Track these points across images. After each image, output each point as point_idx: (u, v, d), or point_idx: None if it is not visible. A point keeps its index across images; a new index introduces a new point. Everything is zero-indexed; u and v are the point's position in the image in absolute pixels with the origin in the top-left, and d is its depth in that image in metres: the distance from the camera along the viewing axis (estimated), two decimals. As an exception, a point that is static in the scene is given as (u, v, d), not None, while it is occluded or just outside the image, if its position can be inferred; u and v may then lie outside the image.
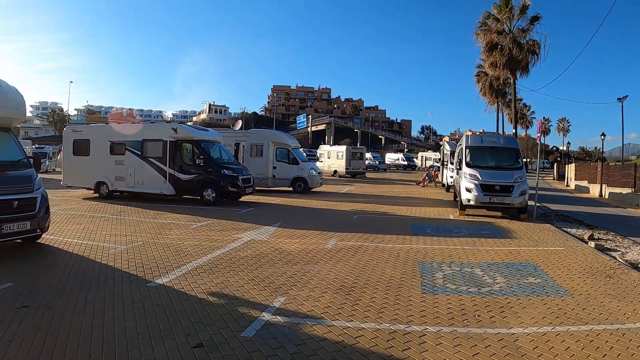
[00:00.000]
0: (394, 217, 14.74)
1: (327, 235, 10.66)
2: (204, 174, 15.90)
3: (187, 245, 9.06)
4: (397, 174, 52.98)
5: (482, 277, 7.17)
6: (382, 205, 17.58)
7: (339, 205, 17.26)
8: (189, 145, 16.32)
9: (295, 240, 9.93)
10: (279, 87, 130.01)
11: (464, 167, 15.50)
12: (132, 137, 16.95)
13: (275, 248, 9.06)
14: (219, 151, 17.15)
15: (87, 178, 17.97)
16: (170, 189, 16.19)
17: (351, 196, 21.64)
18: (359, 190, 25.89)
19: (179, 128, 16.38)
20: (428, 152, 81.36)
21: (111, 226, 11.23)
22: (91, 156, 17.93)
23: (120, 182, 17.17)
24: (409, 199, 21.29)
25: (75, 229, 10.79)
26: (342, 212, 15.60)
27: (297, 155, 22.21)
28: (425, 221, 13.72)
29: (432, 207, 17.62)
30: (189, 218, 12.87)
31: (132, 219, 12.44)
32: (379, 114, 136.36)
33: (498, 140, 17.11)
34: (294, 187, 21.90)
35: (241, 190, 16.08)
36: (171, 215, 13.38)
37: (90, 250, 8.42)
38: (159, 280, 6.51)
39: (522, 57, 33.66)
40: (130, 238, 9.70)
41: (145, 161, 16.58)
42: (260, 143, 21.67)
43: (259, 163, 21.04)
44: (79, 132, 18.67)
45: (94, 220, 12.20)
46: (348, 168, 38.00)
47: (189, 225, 11.53)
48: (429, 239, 10.58)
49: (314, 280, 6.86)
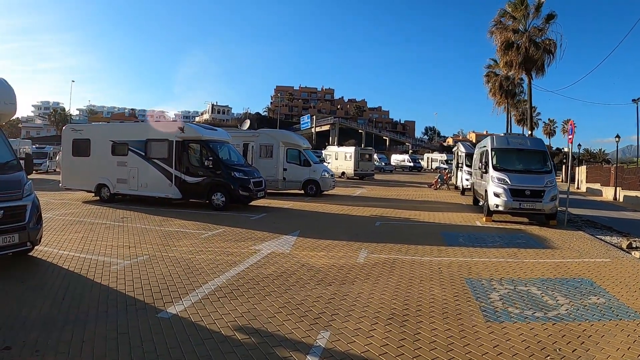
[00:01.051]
0: (419, 224, 13.70)
1: (354, 247, 9.55)
2: (212, 176, 14.72)
3: (200, 260, 7.90)
4: (405, 175, 51.74)
5: (542, 298, 6.29)
6: (401, 211, 16.50)
7: (356, 210, 16.13)
8: (197, 146, 15.16)
9: (321, 253, 8.79)
10: (282, 88, 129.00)
11: (491, 170, 14.52)
12: (136, 137, 15.79)
13: (301, 263, 7.91)
14: (228, 152, 16.00)
15: (87, 180, 16.83)
16: (176, 193, 15.03)
17: (365, 200, 20.49)
18: (371, 193, 24.77)
19: (186, 127, 15.22)
20: (434, 153, 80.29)
21: (112, 235, 10.07)
22: (91, 157, 16.80)
23: (122, 184, 16.02)
24: (426, 203, 20.27)
25: (72, 238, 9.63)
26: (361, 218, 14.47)
27: (309, 157, 21.03)
28: (453, 228, 12.80)
29: (454, 212, 16.63)
30: (198, 225, 11.71)
31: (135, 227, 11.29)
32: (383, 114, 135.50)
33: (525, 141, 16.08)
34: (306, 190, 20.71)
35: (253, 194, 14.92)
36: (178, 221, 12.22)
37: (88, 267, 7.26)
38: (171, 309, 5.35)
39: (538, 56, 32.65)
40: (134, 250, 8.54)
41: (150, 162, 15.42)
42: (270, 144, 20.49)
43: (269, 164, 19.87)
44: (79, 131, 17.52)
45: (93, 227, 11.05)
46: (356, 169, 36.84)
47: (198, 235, 10.37)
48: (465, 250, 9.63)
49: (357, 306, 5.73)
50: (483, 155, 16.54)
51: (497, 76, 46.55)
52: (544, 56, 32.64)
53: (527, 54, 32.38)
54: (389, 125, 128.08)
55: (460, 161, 27.59)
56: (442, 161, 71.15)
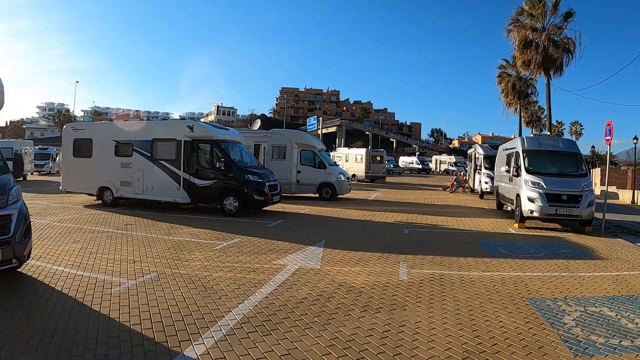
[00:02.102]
0: (450, 231, 12.54)
1: (390, 260, 8.39)
2: (224, 179, 13.52)
3: (218, 279, 6.70)
4: (415, 178, 50.51)
5: (619, 321, 5.45)
6: (425, 216, 15.31)
7: (378, 216, 14.91)
8: (207, 146, 13.98)
9: (357, 269, 7.60)
10: (287, 89, 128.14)
11: (524, 173, 13.53)
12: (141, 137, 14.64)
13: (337, 282, 6.71)
14: (240, 153, 14.81)
15: (89, 183, 15.70)
16: (184, 197, 13.85)
17: (383, 204, 19.26)
18: (387, 196, 23.55)
19: (195, 126, 14.03)
20: (442, 155, 79.03)
21: (115, 246, 8.89)
22: (93, 158, 15.67)
23: (126, 187, 14.86)
24: (448, 207, 19.09)
25: (70, 250, 8.45)
26: (386, 225, 13.25)
27: (324, 159, 19.82)
28: (488, 236, 11.71)
29: (481, 218, 15.47)
30: (210, 234, 10.52)
31: (141, 236, 10.11)
32: (388, 116, 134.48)
33: (557, 143, 15.02)
34: (321, 194, 19.51)
35: (268, 198, 13.70)
36: (188, 229, 11.04)
37: (86, 288, 6.07)
38: (190, 352, 4.15)
39: (558, 55, 31.43)
40: (139, 266, 7.35)
41: (156, 164, 14.25)
42: (282, 144, 19.26)
43: (282, 167, 18.60)
44: (80, 130, 16.37)
45: (94, 236, 9.88)
46: (367, 172, 35.59)
47: (212, 245, 9.18)
48: (512, 262, 8.63)
49: (420, 341, 4.61)
50: (511, 157, 15.55)
51: (510, 77, 45.52)
52: (562, 55, 31.55)
53: (546, 53, 31.23)
54: (394, 127, 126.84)
55: (478, 163, 26.35)
56: (451, 163, 70.11)
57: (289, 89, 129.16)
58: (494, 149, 26.56)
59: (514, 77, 45.05)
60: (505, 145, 18.05)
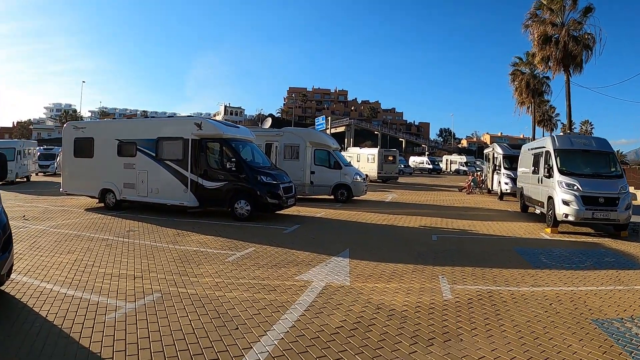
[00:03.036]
0: (480, 237, 11.51)
1: (427, 273, 7.38)
2: (235, 181, 12.46)
3: (233, 301, 5.64)
4: (426, 178, 49.26)
5: None
6: (450, 220, 14.24)
7: (400, 220, 13.83)
8: (217, 145, 12.95)
9: (393, 285, 6.55)
10: (295, 89, 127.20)
11: (557, 174, 12.61)
12: (145, 135, 13.62)
13: (375, 304, 5.64)
14: (252, 153, 13.74)
15: (91, 184, 14.73)
16: (192, 200, 12.82)
17: (402, 206, 18.15)
18: (403, 198, 22.42)
19: (203, 123, 12.96)
20: (453, 155, 77.60)
21: (114, 257, 7.87)
22: (95, 158, 14.69)
23: (130, 190, 13.86)
24: (470, 209, 18.02)
25: (62, 262, 7.44)
26: (411, 230, 12.16)
27: (339, 159, 18.72)
28: (522, 243, 10.71)
29: (508, 222, 14.40)
30: (221, 242, 9.48)
31: (143, 244, 9.08)
32: (396, 116, 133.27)
33: (589, 142, 14.01)
34: (336, 196, 18.42)
35: (282, 201, 12.62)
36: (196, 237, 10.01)
37: (75, 314, 5.03)
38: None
39: (578, 51, 30.20)
40: (140, 284, 6.31)
41: (161, 164, 13.24)
42: (295, 144, 18.15)
43: (295, 167, 17.49)
44: (81, 129, 15.38)
45: (92, 245, 8.88)
46: (380, 172, 34.42)
47: (224, 256, 8.13)
48: (559, 274, 7.68)
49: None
50: (539, 157, 14.54)
51: (524, 74, 44.39)
52: (582, 52, 30.31)
53: (566, 49, 30.00)
54: (403, 127, 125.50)
55: (496, 163, 25.17)
56: (462, 163, 68.82)
57: (296, 88, 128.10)
58: (514, 149, 25.47)
59: (528, 75, 43.93)
60: (531, 145, 16.96)
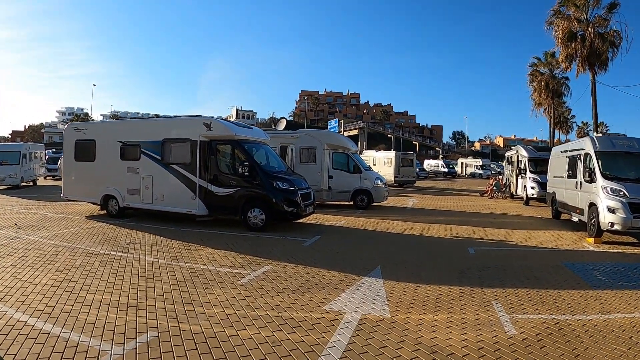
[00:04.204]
0: (520, 249, 10.22)
1: (477, 298, 6.15)
2: (248, 187, 11.25)
3: (247, 342, 4.39)
4: (443, 182, 47.73)
5: None
6: (482, 229, 12.95)
7: (428, 229, 12.55)
8: (228, 148, 11.76)
9: (442, 317, 5.30)
10: (307, 92, 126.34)
11: (600, 179, 11.45)
12: (150, 137, 12.49)
13: (427, 346, 4.39)
14: (267, 156, 12.52)
15: (92, 190, 13.65)
16: (200, 208, 11.63)
17: (425, 213, 16.83)
18: (425, 203, 21.07)
19: (213, 123, 11.75)
20: (468, 158, 75.91)
21: (107, 279, 6.69)
22: (97, 162, 13.63)
23: (133, 196, 12.74)
24: (498, 216, 16.66)
25: (47, 283, 6.28)
26: (444, 241, 10.85)
27: (359, 162, 17.45)
28: (568, 256, 9.44)
29: (544, 231, 13.10)
30: (233, 258, 8.25)
31: (143, 261, 7.90)
32: (409, 119, 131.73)
33: (632, 143, 12.75)
34: (355, 202, 17.14)
35: (301, 210, 11.35)
36: (204, 251, 8.80)
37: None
38: None
39: (604, 49, 28.71)
40: (134, 316, 5.09)
41: (167, 169, 12.09)
42: (312, 146, 16.90)
43: (311, 171, 16.21)
44: (82, 130, 14.29)
45: (85, 261, 7.73)
46: (397, 176, 33.09)
47: (236, 277, 6.91)
48: (624, 295, 6.52)
49: None
50: (576, 160, 13.25)
51: (543, 75, 43.05)
52: (608, 49, 28.80)
53: (592, 47, 28.50)
54: (415, 130, 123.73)
55: (521, 167, 23.77)
56: (478, 166, 67.23)
57: (308, 92, 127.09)
58: (539, 151, 24.08)
59: (547, 76, 42.66)
60: (565, 147, 15.58)
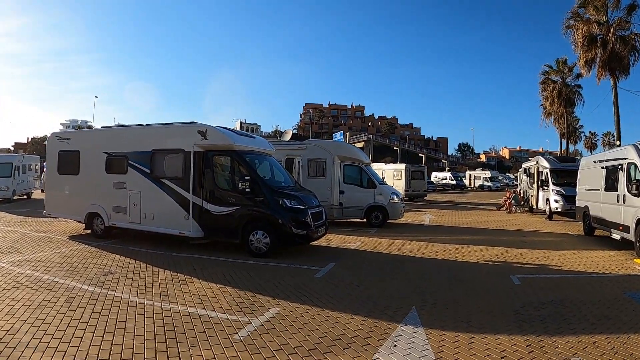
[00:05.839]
0: (571, 276, 8.66)
1: (550, 352, 4.62)
2: (250, 205, 9.60)
3: None
4: (453, 195, 46.10)
5: None
6: (517, 251, 11.35)
7: (457, 252, 10.95)
8: (227, 159, 10.18)
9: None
10: (311, 105, 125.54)
11: None
12: (138, 147, 10.94)
13: None
14: (271, 169, 10.93)
15: (76, 207, 12.15)
16: (195, 229, 10.01)
17: (446, 231, 15.17)
18: (442, 219, 19.45)
19: (209, 131, 10.14)
20: (476, 170, 74.29)
21: (65, 328, 5.09)
22: (81, 175, 12.16)
23: (120, 214, 11.19)
24: (526, 234, 15.21)
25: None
26: (480, 268, 9.21)
27: (373, 176, 15.83)
28: (627, 284, 7.99)
29: (584, 251, 11.63)
30: (230, 297, 6.63)
31: (117, 300, 6.30)
32: (414, 131, 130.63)
33: None
34: (369, 219, 15.49)
35: (312, 232, 9.68)
36: (196, 285, 7.20)
37: None
38: None
39: (625, 53, 27.21)
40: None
41: (157, 184, 10.52)
42: (321, 158, 15.27)
43: (320, 186, 14.56)
44: (66, 140, 12.79)
45: (48, 298, 6.16)
46: (407, 190, 31.49)
47: (232, 327, 5.29)
48: None
49: None
50: (616, 171, 11.73)
51: (555, 83, 41.71)
52: (630, 54, 27.29)
53: (612, 51, 26.98)
54: (421, 142, 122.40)
55: (542, 178, 22.20)
56: (486, 178, 65.79)
57: (312, 104, 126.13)
58: (561, 162, 22.53)
59: (560, 83, 41.30)
60: (600, 156, 14.00)
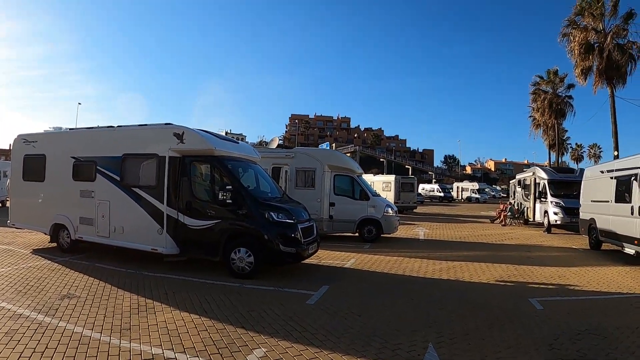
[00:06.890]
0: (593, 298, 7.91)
1: None
2: (232, 218, 8.46)
3: None
4: (442, 207, 45.32)
5: None
6: (528, 268, 10.54)
7: (462, 270, 10.02)
8: (206, 166, 9.07)
9: None
10: (297, 116, 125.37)
11: None
12: (108, 152, 9.77)
13: None
14: (256, 178, 9.84)
15: (41, 217, 11.00)
16: (169, 245, 8.83)
17: (444, 246, 14.24)
18: (436, 233, 18.53)
19: (186, 133, 8.97)
20: (464, 182, 74.10)
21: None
22: (46, 182, 11.02)
23: (87, 227, 10.01)
24: (531, 248, 14.59)
25: None
26: (493, 290, 8.23)
27: (365, 187, 14.80)
28: None
29: (596, 267, 10.98)
30: (204, 332, 5.53)
31: (67, 334, 5.17)
32: (400, 143, 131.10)
33: None
34: (362, 233, 14.46)
35: (302, 249, 8.57)
36: (165, 315, 6.06)
37: None
38: None
39: (623, 61, 26.84)
40: None
41: (128, 193, 9.35)
42: (311, 167, 14.20)
43: (309, 197, 13.49)
44: (32, 143, 11.59)
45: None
46: (397, 202, 30.54)
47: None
48: None
49: None
50: (632, 181, 11.03)
51: (546, 94, 41.73)
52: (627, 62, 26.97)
53: (610, 59, 26.59)
54: (407, 154, 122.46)
55: (539, 190, 21.60)
56: (474, 190, 65.57)
57: (298, 115, 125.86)
58: (559, 172, 21.93)
59: (551, 94, 41.32)
60: (609, 166, 13.31)
